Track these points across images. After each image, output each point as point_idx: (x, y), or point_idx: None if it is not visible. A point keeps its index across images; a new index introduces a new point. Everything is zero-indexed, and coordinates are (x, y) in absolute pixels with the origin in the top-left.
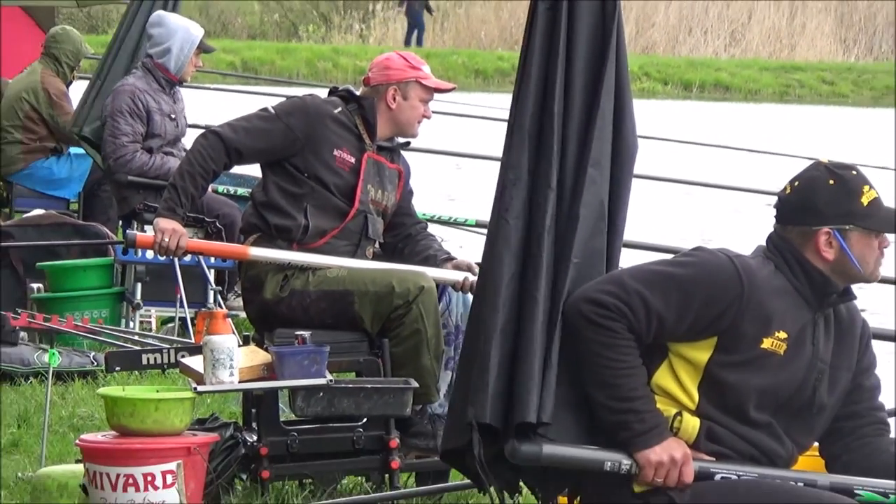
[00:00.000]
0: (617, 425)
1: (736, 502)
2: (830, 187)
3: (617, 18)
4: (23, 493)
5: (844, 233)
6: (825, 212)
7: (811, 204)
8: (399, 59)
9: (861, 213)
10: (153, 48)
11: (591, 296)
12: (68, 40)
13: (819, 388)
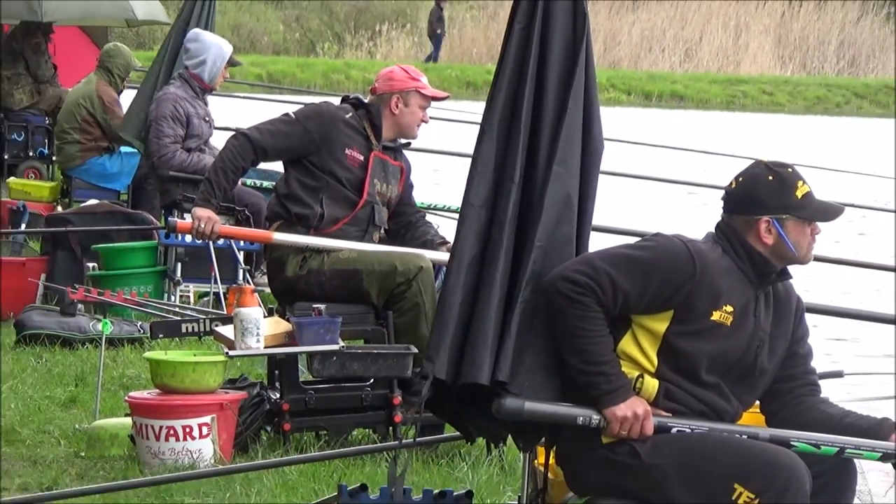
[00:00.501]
0: (588, 385)
1: (690, 452)
2: (770, 182)
3: (586, 37)
4: (80, 443)
5: (782, 221)
6: (765, 203)
7: (753, 196)
8: (401, 71)
9: (796, 204)
10: (189, 60)
11: (566, 275)
12: (119, 55)
13: (760, 354)
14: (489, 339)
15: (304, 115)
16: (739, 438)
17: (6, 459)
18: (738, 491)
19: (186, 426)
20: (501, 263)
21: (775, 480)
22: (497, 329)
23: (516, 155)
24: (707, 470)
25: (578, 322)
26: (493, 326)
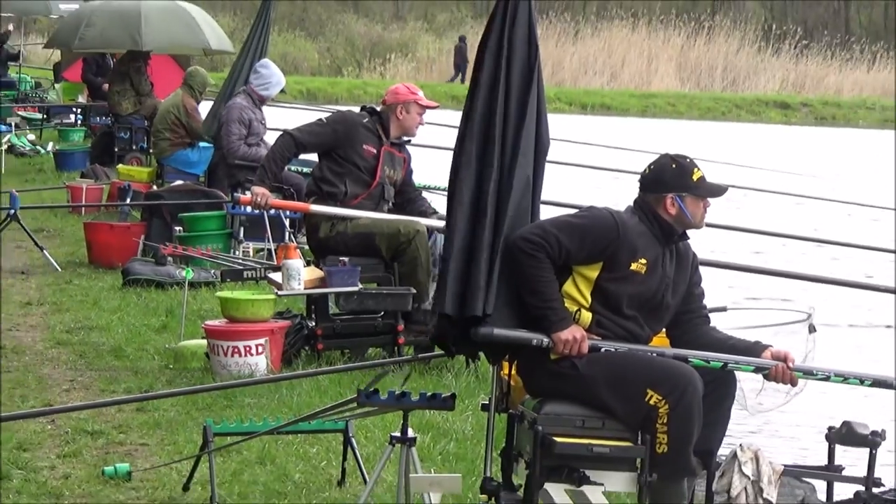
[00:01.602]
0: (540, 317)
1: (614, 365)
2: (673, 169)
3: (538, 63)
4: (168, 358)
5: (682, 197)
6: (670, 184)
7: (661, 179)
8: (404, 88)
9: (692, 185)
10: (257, 80)
11: (524, 236)
12: (199, 76)
13: (666, 294)
14: (482, 283)
15: (332, 120)
16: (651, 356)
17: (116, 370)
18: (650, 394)
19: (247, 346)
20: (488, 226)
21: (677, 387)
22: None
23: (493, 148)
24: (627, 379)
25: (533, 271)
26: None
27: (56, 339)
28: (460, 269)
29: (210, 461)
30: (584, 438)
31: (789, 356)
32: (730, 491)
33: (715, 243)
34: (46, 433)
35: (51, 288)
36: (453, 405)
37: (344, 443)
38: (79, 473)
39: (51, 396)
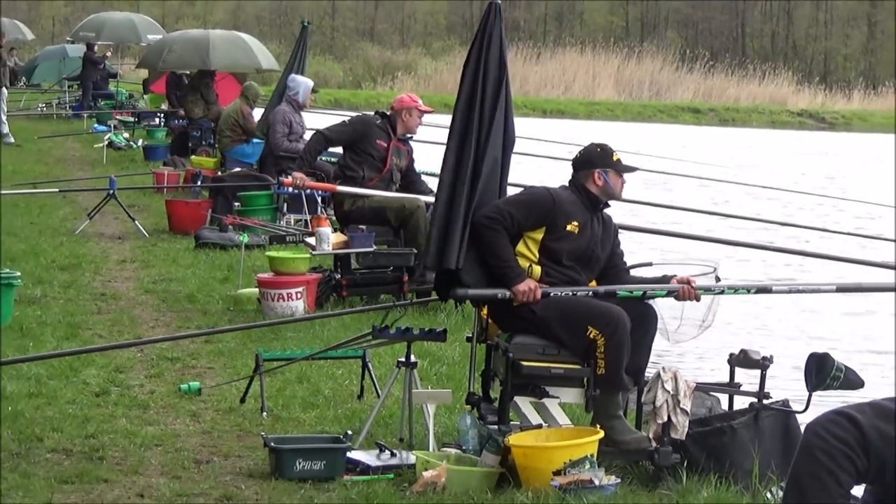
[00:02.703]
0: (501, 275)
1: (562, 307)
2: (598, 152)
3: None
4: (230, 302)
5: (606, 173)
6: (596, 162)
7: (589, 159)
8: (407, 97)
9: (613, 163)
10: (291, 91)
11: (485, 214)
12: (252, 89)
13: (596, 249)
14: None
15: (353, 121)
16: (590, 299)
17: (189, 312)
18: (591, 330)
19: (288, 293)
20: (464, 202)
21: (610, 324)
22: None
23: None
24: (573, 319)
25: (493, 239)
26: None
27: (144, 288)
28: (441, 233)
29: (261, 380)
30: (544, 363)
31: (691, 280)
32: (655, 402)
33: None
34: (136, 359)
35: (140, 249)
36: (445, 338)
37: (362, 366)
38: (161, 390)
39: (140, 331)
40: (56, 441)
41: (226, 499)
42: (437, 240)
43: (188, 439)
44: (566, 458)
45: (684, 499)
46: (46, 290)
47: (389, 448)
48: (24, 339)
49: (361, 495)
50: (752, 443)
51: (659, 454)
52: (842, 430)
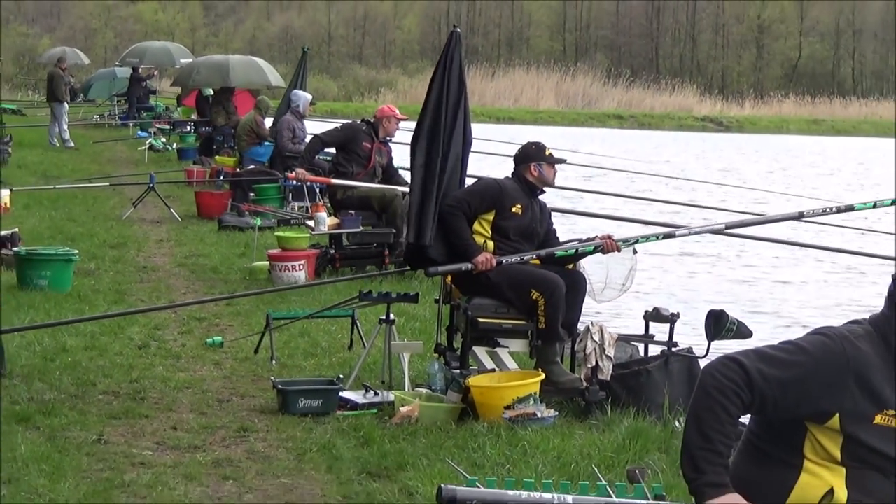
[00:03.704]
0: (462, 251)
1: (512, 273)
2: (533, 149)
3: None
4: (246, 272)
5: (541, 165)
6: (532, 157)
7: (527, 154)
8: (387, 107)
9: (545, 157)
10: (293, 104)
11: (448, 202)
12: (264, 102)
13: (536, 226)
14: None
15: (344, 127)
16: (533, 268)
17: (213, 281)
18: (533, 293)
19: (293, 265)
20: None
21: (548, 288)
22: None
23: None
24: (520, 283)
25: (454, 223)
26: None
27: (178, 262)
28: (416, 214)
29: (270, 335)
30: (497, 319)
31: (611, 235)
32: (585, 350)
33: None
34: (171, 319)
35: (174, 231)
36: (417, 300)
37: (351, 323)
38: (191, 343)
39: (174, 296)
40: (106, 385)
41: (242, 430)
42: (415, 220)
43: (212, 383)
44: (514, 395)
45: (609, 427)
46: (99, 265)
47: (373, 388)
48: (81, 304)
49: (351, 427)
50: (663, 382)
51: (589, 392)
52: (731, 371)
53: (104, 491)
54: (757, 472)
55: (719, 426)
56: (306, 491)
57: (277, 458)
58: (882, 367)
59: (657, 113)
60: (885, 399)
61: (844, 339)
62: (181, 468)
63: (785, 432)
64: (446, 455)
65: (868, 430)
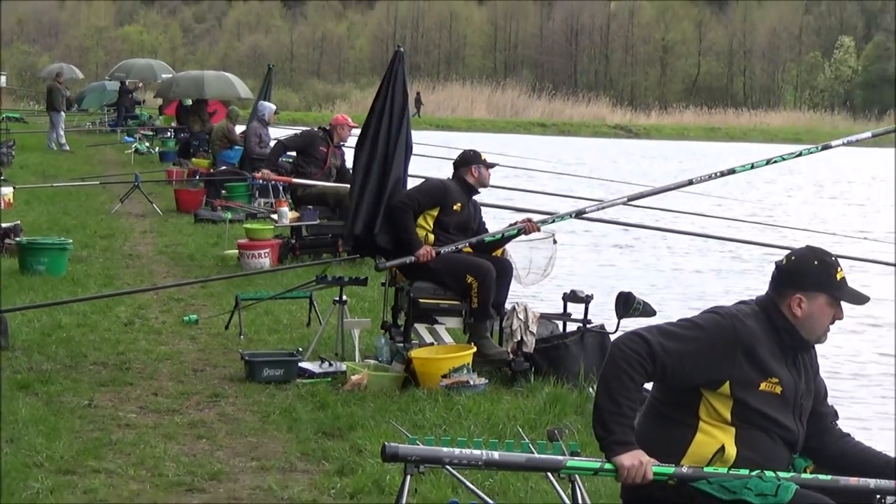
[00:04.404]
0: (407, 244)
1: (450, 263)
2: (471, 154)
3: (407, 102)
4: (218, 259)
5: (479, 168)
6: (471, 161)
7: (466, 159)
8: (341, 116)
9: (482, 161)
10: (260, 113)
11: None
12: (234, 111)
13: (471, 222)
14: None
15: (303, 134)
16: (467, 256)
17: (190, 267)
18: (468, 277)
19: (259, 253)
20: (373, 190)
21: (480, 273)
22: (367, 216)
23: (380, 145)
24: (456, 269)
25: (403, 218)
26: (364, 214)
27: (159, 250)
28: (355, 208)
29: (239, 314)
30: (435, 300)
31: (531, 218)
32: (511, 326)
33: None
34: (153, 300)
35: (156, 224)
36: (366, 283)
37: (309, 304)
38: (170, 320)
39: (156, 280)
40: (96, 357)
41: (214, 396)
42: (353, 213)
43: (188, 355)
44: (450, 366)
45: (532, 393)
46: (90, 252)
47: (328, 360)
48: (75, 286)
49: (308, 393)
50: (579, 354)
51: (515, 363)
52: (636, 345)
53: (94, 449)
54: (658, 431)
55: (626, 392)
56: (270, 448)
57: (245, 420)
58: (766, 341)
59: (575, 121)
60: (769, 368)
61: (734, 316)
62: (161, 429)
63: (682, 397)
64: (391, 417)
65: (754, 395)
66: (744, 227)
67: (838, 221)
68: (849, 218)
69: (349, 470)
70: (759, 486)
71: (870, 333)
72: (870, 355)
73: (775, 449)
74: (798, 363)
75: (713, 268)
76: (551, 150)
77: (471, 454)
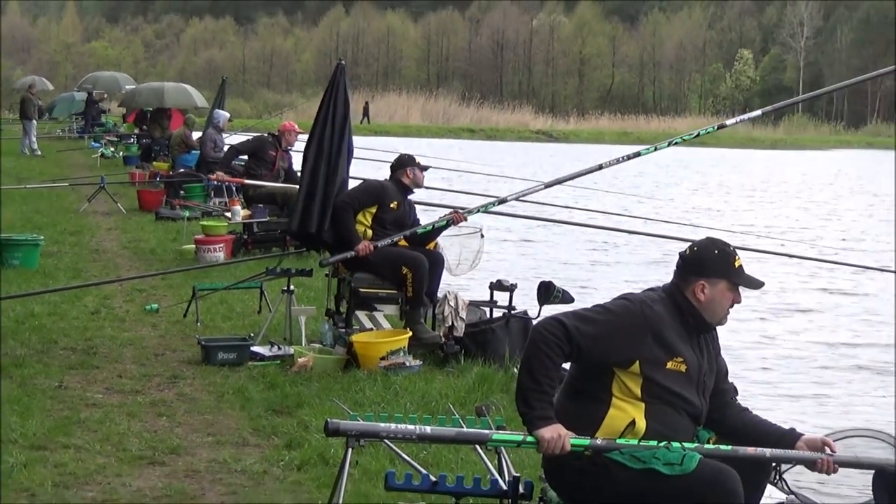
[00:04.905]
0: (348, 241)
1: (386, 256)
2: (406, 157)
3: (349, 111)
4: (178, 254)
5: (414, 170)
6: (405, 164)
7: (401, 162)
8: (289, 123)
9: (416, 164)
10: (215, 121)
11: (343, 198)
12: (192, 119)
13: (406, 218)
14: (313, 218)
15: (254, 139)
16: (402, 249)
17: (151, 260)
18: (404, 268)
19: (214, 247)
20: (318, 191)
21: (415, 265)
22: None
23: (324, 151)
24: (392, 261)
25: (344, 217)
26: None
27: (123, 245)
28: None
29: (196, 303)
30: (374, 289)
31: (458, 209)
32: (443, 313)
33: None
34: (117, 290)
35: (120, 221)
36: (312, 274)
37: (260, 293)
38: (133, 309)
39: (120, 272)
40: (66, 343)
41: (174, 377)
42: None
43: (150, 340)
44: (388, 349)
45: (462, 374)
46: (60, 248)
47: (277, 344)
48: (46, 279)
49: (259, 374)
50: (505, 338)
51: (446, 346)
52: (555, 329)
53: (64, 426)
54: (575, 406)
55: (546, 371)
56: (224, 425)
57: (201, 399)
58: (672, 324)
59: (501, 127)
60: (675, 349)
61: (642, 302)
62: (125, 407)
63: (597, 375)
64: (334, 396)
65: (662, 373)
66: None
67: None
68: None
69: (296, 444)
70: (666, 455)
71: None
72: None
73: (681, 422)
74: (701, 344)
75: (625, 260)
76: (479, 154)
77: (406, 429)
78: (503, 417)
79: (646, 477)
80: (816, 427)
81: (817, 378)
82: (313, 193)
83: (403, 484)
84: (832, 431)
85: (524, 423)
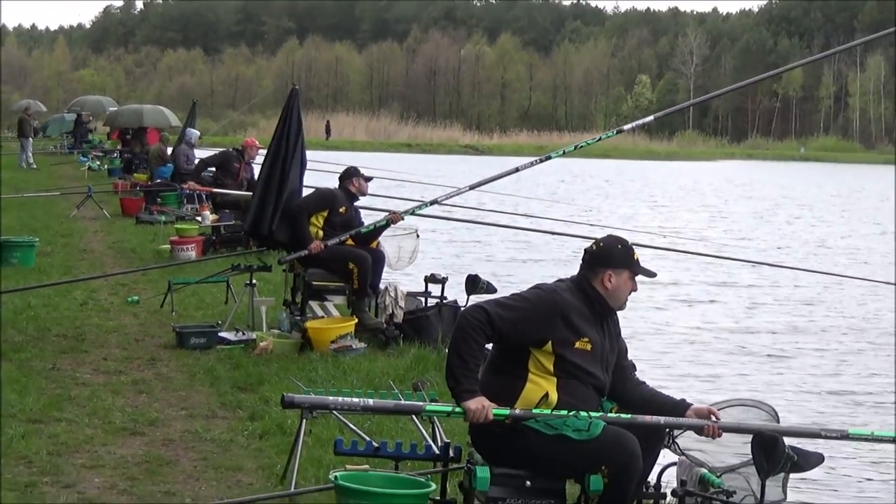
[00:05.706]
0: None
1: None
2: (352, 169)
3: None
4: (155, 253)
5: (359, 181)
6: (351, 175)
7: (348, 174)
8: (251, 140)
9: (361, 175)
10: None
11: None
12: (167, 137)
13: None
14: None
15: (221, 154)
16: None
17: (132, 258)
18: (350, 263)
19: (187, 247)
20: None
21: (359, 259)
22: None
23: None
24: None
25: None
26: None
27: (108, 245)
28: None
29: (172, 295)
30: (325, 282)
31: (395, 210)
32: (385, 302)
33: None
34: (103, 286)
35: (105, 225)
36: (271, 270)
37: (226, 287)
38: (117, 301)
39: (106, 269)
40: (58, 330)
41: (152, 360)
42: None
43: (132, 328)
44: (337, 333)
45: (401, 355)
46: (53, 248)
47: (242, 330)
48: (41, 275)
49: (226, 356)
50: (438, 324)
51: (388, 331)
52: (479, 315)
53: (57, 403)
54: (497, 381)
55: (471, 351)
56: (196, 400)
57: (176, 378)
58: (580, 309)
59: (434, 142)
60: (582, 331)
61: (553, 290)
62: (110, 386)
63: (515, 354)
64: (291, 374)
65: (571, 351)
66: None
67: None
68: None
69: (258, 416)
70: (575, 423)
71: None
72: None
73: (588, 394)
74: (605, 326)
75: (540, 257)
76: (416, 166)
77: (352, 401)
78: (436, 392)
79: (558, 441)
80: (704, 399)
81: (705, 360)
82: (265, 198)
83: (350, 449)
84: (717, 402)
85: (453, 396)
